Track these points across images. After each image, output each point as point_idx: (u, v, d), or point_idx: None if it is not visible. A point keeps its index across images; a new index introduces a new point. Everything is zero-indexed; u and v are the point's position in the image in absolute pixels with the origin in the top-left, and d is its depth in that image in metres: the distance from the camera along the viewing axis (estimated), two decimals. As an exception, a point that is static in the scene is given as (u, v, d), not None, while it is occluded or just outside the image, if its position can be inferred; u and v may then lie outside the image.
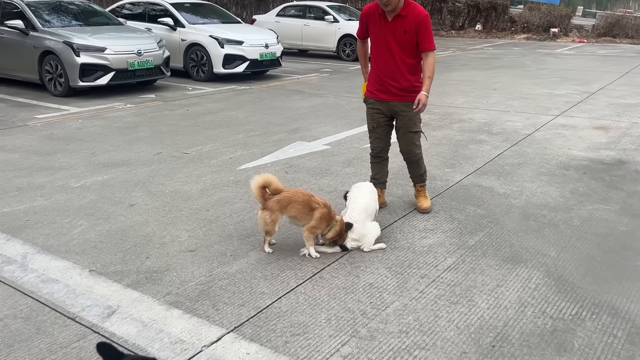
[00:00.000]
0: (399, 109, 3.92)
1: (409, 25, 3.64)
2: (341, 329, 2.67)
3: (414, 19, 3.63)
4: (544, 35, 23.43)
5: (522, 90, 9.88)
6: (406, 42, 3.70)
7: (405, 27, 3.65)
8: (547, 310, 2.86)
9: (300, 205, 3.36)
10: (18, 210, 4.15)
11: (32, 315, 2.76)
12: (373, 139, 4.15)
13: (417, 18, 3.62)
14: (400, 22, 3.66)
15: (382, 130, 4.08)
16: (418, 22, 3.63)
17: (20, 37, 9.05)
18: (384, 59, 3.82)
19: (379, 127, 4.07)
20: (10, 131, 6.65)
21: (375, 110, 4.02)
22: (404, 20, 3.65)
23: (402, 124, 3.99)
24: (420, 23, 3.63)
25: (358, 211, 3.49)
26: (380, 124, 4.06)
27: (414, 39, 3.68)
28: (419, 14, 3.63)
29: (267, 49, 11.09)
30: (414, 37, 3.67)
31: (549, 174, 5.12)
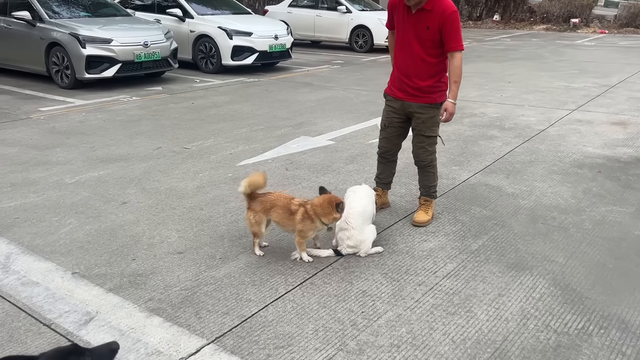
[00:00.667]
0: (413, 110, 3.64)
1: (433, 21, 3.31)
2: (328, 342, 2.51)
3: (439, 14, 3.29)
4: (564, 26, 22.85)
5: (538, 83, 9.57)
6: (428, 39, 3.38)
7: (429, 22, 3.32)
8: (551, 324, 2.67)
9: (280, 209, 3.20)
10: (8, 207, 4.05)
11: (7, 321, 2.65)
12: (382, 138, 3.90)
13: (443, 14, 3.28)
14: (423, 16, 3.33)
15: (394, 131, 3.81)
16: (443, 18, 3.28)
17: (28, 28, 8.99)
18: (404, 54, 3.54)
19: (390, 127, 3.80)
20: (13, 124, 6.59)
21: (390, 108, 3.76)
22: (427, 15, 3.32)
23: (416, 125, 3.71)
24: (445, 20, 3.28)
25: (355, 217, 3.30)
26: (392, 124, 3.78)
27: (438, 36, 3.35)
28: (445, 10, 3.28)
29: (276, 41, 10.90)
30: (437, 35, 3.34)
31: (561, 172, 4.88)
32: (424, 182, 3.88)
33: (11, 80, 9.47)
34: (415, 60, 3.48)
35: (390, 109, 3.77)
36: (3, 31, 9.35)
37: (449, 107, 3.50)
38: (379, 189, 4.00)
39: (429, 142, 3.74)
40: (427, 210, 3.86)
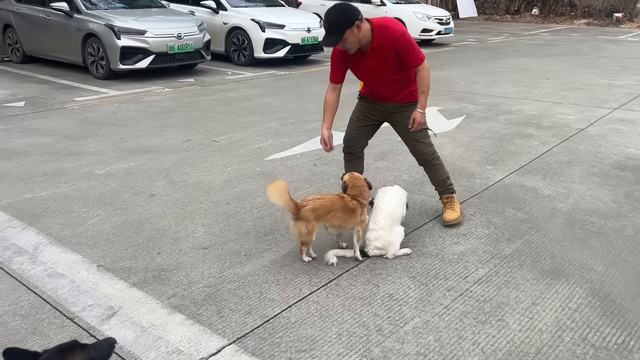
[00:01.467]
0: (396, 110, 3.57)
1: (386, 51, 3.25)
2: (352, 347, 2.43)
3: (389, 43, 3.21)
4: (606, 21, 22.06)
5: (578, 80, 9.23)
6: (391, 66, 3.32)
7: (384, 54, 3.26)
8: (588, 337, 2.52)
9: (341, 212, 3.08)
10: (39, 197, 4.10)
11: (31, 312, 2.65)
12: (350, 130, 3.75)
13: (393, 41, 3.20)
14: (376, 53, 3.26)
15: (365, 124, 3.69)
16: (394, 45, 3.21)
17: (65, 19, 9.14)
18: (373, 83, 3.54)
19: (363, 120, 3.68)
20: (48, 114, 6.70)
21: (370, 105, 3.65)
22: (379, 50, 3.25)
23: (401, 123, 3.57)
24: (397, 46, 3.21)
25: (383, 217, 3.20)
26: (367, 117, 3.67)
27: (397, 59, 3.29)
28: (392, 37, 3.19)
29: (309, 33, 10.82)
30: (396, 58, 3.28)
31: (601, 174, 4.66)
32: (436, 178, 3.74)
33: (49, 70, 9.67)
34: (384, 83, 3.46)
35: (370, 106, 3.66)
36: (42, 22, 9.54)
37: (417, 117, 3.41)
38: None
39: (421, 136, 3.61)
40: (453, 207, 3.72)
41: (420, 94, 3.40)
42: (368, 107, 3.68)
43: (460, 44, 14.88)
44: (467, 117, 6.62)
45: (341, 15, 3.11)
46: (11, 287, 2.88)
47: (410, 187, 4.36)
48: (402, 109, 3.55)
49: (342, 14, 3.11)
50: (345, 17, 3.10)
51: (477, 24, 23.03)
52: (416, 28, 13.88)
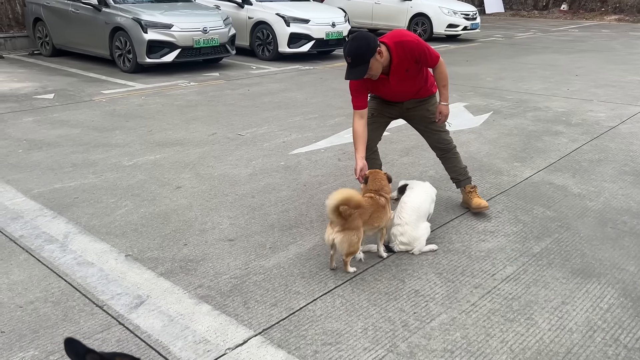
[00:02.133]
0: (413, 105, 3.58)
1: (406, 64, 3.27)
2: (378, 342, 2.42)
3: (407, 56, 3.23)
4: (638, 17, 21.50)
5: (609, 77, 9.02)
6: (411, 74, 3.36)
7: (405, 67, 3.28)
8: (620, 338, 2.47)
9: (378, 212, 2.99)
10: (69, 187, 4.17)
11: (62, 299, 2.70)
12: None
13: (412, 54, 3.22)
14: (397, 69, 3.27)
15: (379, 120, 3.64)
16: (413, 57, 3.24)
17: (94, 13, 9.26)
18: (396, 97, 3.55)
19: (378, 116, 3.62)
20: (76, 106, 6.81)
21: (385, 104, 3.61)
22: (400, 65, 3.26)
23: (421, 117, 3.61)
24: (416, 56, 3.24)
25: (409, 212, 3.17)
26: (382, 114, 3.64)
27: (417, 66, 3.33)
28: (411, 50, 3.21)
29: (333, 28, 10.78)
30: (416, 66, 3.32)
31: (633, 173, 4.55)
32: (457, 166, 3.76)
33: (77, 63, 9.82)
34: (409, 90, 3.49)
35: (386, 104, 3.62)
36: (71, 15, 9.69)
37: (443, 110, 3.51)
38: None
39: (440, 125, 3.64)
40: (478, 195, 3.76)
41: (441, 87, 3.48)
42: (382, 104, 3.64)
43: (487, 40, 14.67)
44: (494, 114, 6.53)
45: (363, 47, 3.08)
46: (42, 274, 2.94)
47: (437, 183, 4.30)
48: (419, 104, 3.59)
49: (363, 44, 3.09)
50: (367, 47, 3.08)
51: (504, 19, 22.67)
52: (442, 23, 13.72)
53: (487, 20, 20.74)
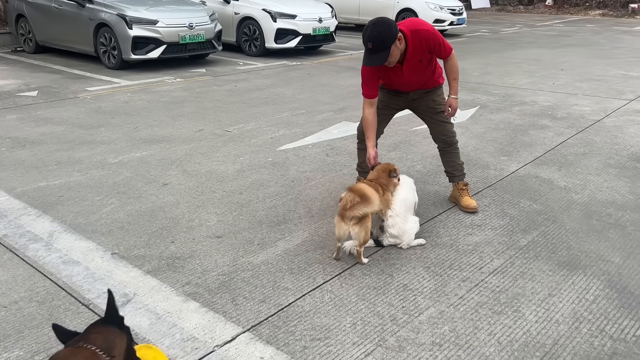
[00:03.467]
0: (418, 97, 3.59)
1: (421, 54, 3.29)
2: (367, 336, 2.42)
3: (421, 47, 3.25)
4: (622, 12, 21.73)
5: (593, 71, 9.10)
6: (424, 64, 3.38)
7: (419, 57, 3.31)
8: (606, 329, 2.49)
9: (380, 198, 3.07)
10: (54, 185, 4.12)
11: (47, 299, 2.67)
12: None
13: (428, 43, 3.25)
14: (411, 58, 3.29)
15: (385, 112, 3.66)
16: (427, 46, 3.27)
17: (77, 9, 9.15)
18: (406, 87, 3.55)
19: (384, 108, 3.63)
20: (61, 103, 6.72)
21: (391, 95, 3.62)
22: (414, 54, 3.27)
23: (427, 107, 3.61)
24: (431, 46, 3.28)
25: (398, 204, 3.19)
26: (388, 106, 3.65)
27: (429, 57, 3.37)
28: (427, 40, 3.24)
29: (320, 24, 10.76)
30: (429, 56, 3.36)
31: (618, 166, 4.60)
32: (456, 161, 3.76)
33: (61, 60, 9.70)
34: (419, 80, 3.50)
35: (393, 95, 3.63)
36: (54, 11, 9.56)
37: (452, 103, 3.52)
38: (362, 178, 3.74)
39: (445, 117, 3.64)
40: (470, 194, 3.77)
41: (452, 80, 3.49)
42: (388, 96, 3.64)
43: (473, 35, 14.73)
44: (481, 108, 6.56)
45: (385, 32, 3.06)
46: (27, 273, 2.90)
47: (424, 177, 4.33)
48: (425, 94, 3.59)
49: (385, 30, 3.06)
50: (389, 33, 3.06)
51: (489, 14, 22.78)
52: (428, 18, 13.72)
53: (473, 16, 20.83)
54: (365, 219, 2.93)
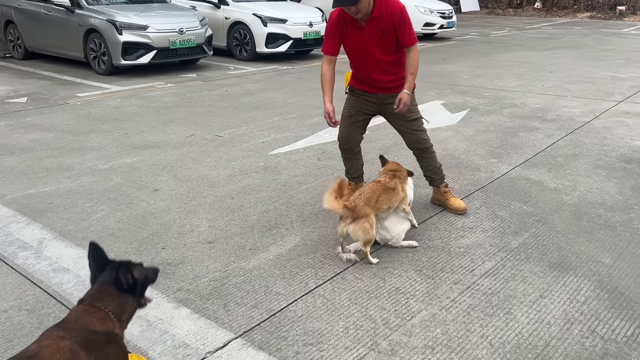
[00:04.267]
0: (389, 101, 3.47)
1: (385, 25, 3.24)
2: (359, 340, 2.42)
3: (389, 17, 3.22)
4: (609, 14, 21.95)
5: (582, 73, 9.18)
6: (387, 43, 3.31)
7: (382, 27, 3.25)
8: (597, 329, 2.51)
9: (386, 194, 3.10)
10: (43, 192, 4.09)
11: (37, 307, 2.65)
12: (344, 128, 3.66)
13: (393, 16, 3.21)
14: (374, 24, 3.25)
15: (359, 118, 3.63)
16: (394, 20, 3.22)
17: (67, 14, 9.11)
18: (363, 64, 3.45)
19: (357, 115, 3.61)
20: (50, 109, 6.68)
21: (362, 99, 3.57)
22: (378, 22, 3.23)
23: (397, 116, 3.51)
24: (396, 21, 3.23)
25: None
26: (361, 111, 3.60)
27: (394, 36, 3.29)
28: (393, 10, 3.20)
29: (311, 28, 10.78)
30: (393, 35, 3.28)
31: (607, 167, 4.63)
32: (433, 166, 3.74)
33: (50, 66, 9.65)
34: (377, 64, 3.40)
35: (362, 100, 3.58)
36: (43, 17, 9.51)
37: (403, 97, 3.33)
38: (352, 183, 3.80)
39: (417, 125, 3.61)
40: (453, 195, 3.80)
41: (409, 75, 3.35)
42: (359, 100, 3.60)
43: (463, 38, 14.82)
44: (471, 111, 6.59)
45: None
46: (16, 282, 2.87)
47: (416, 181, 4.30)
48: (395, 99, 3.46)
49: None
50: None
51: (479, 17, 22.93)
52: (418, 22, 13.80)
53: (463, 19, 20.96)
54: (360, 219, 2.93)
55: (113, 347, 1.72)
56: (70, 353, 1.58)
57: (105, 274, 1.85)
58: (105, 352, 1.68)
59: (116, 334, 1.76)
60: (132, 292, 1.87)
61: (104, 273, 1.85)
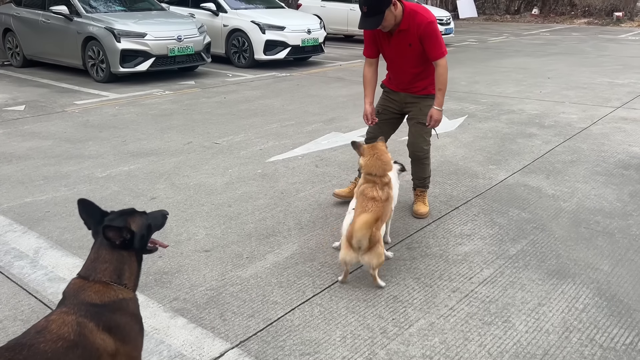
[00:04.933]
0: (410, 100, 3.67)
1: (412, 37, 3.35)
2: (357, 350, 2.40)
3: (416, 29, 3.32)
4: (607, 20, 22.04)
5: (580, 79, 9.20)
6: (413, 56, 3.44)
7: (409, 40, 3.37)
8: (596, 337, 2.49)
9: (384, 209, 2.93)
10: (40, 200, 4.07)
11: (32, 317, 2.62)
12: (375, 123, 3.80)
13: (419, 28, 3.30)
14: (402, 36, 3.38)
15: (386, 117, 3.79)
16: (420, 32, 3.31)
17: (65, 22, 9.12)
18: (394, 70, 3.70)
19: (383, 114, 3.78)
20: (48, 117, 6.68)
21: (388, 98, 3.79)
22: (406, 34, 3.36)
23: (413, 115, 3.70)
24: (422, 33, 3.32)
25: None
26: (386, 111, 3.79)
27: (420, 48, 3.39)
28: (420, 23, 3.29)
29: (309, 35, 10.80)
30: (419, 47, 3.39)
31: (605, 173, 4.63)
32: (419, 174, 3.85)
33: (49, 74, 9.65)
34: (405, 73, 3.59)
35: (387, 98, 3.80)
36: (42, 25, 9.53)
37: (434, 114, 3.51)
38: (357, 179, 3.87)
39: (425, 131, 3.69)
40: (424, 201, 3.87)
41: (437, 91, 3.46)
42: (387, 99, 3.79)
43: (461, 44, 14.86)
44: (469, 117, 6.59)
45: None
46: (11, 291, 2.85)
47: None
48: (417, 100, 3.65)
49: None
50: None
51: (477, 24, 23.01)
52: (416, 29, 13.84)
53: (461, 25, 21.03)
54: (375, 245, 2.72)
55: (120, 314, 1.72)
56: (78, 325, 1.61)
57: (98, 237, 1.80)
58: (114, 320, 1.69)
59: (121, 300, 1.74)
60: (128, 248, 1.81)
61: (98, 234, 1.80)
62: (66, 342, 1.57)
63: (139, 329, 1.82)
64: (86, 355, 1.60)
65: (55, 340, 1.56)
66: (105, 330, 1.65)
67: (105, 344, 1.65)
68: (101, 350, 1.64)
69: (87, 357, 1.60)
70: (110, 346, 1.66)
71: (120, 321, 1.71)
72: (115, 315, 1.70)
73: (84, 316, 1.64)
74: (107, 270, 1.76)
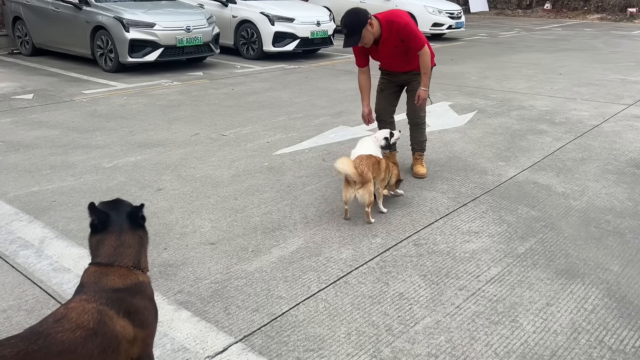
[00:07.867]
0: (409, 77, 4.21)
1: (395, 41, 3.89)
2: (361, 347, 2.38)
3: (395, 35, 3.85)
4: (620, 16, 21.75)
5: (592, 76, 9.08)
6: (400, 51, 3.98)
7: (393, 44, 3.90)
8: (605, 339, 2.45)
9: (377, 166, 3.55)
10: (46, 190, 4.07)
11: (36, 307, 2.62)
12: (378, 100, 4.39)
13: (399, 33, 3.83)
14: (387, 43, 3.91)
15: (389, 91, 4.33)
16: (400, 35, 3.85)
17: (74, 11, 9.11)
18: (389, 65, 4.26)
19: (386, 90, 4.33)
20: (56, 106, 6.68)
21: (387, 77, 4.32)
22: (389, 40, 3.88)
23: (412, 87, 4.22)
24: (402, 36, 3.85)
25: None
26: (388, 87, 4.33)
27: (405, 46, 3.92)
28: (398, 30, 3.82)
29: (318, 27, 10.72)
30: (404, 45, 3.92)
31: (616, 172, 4.56)
32: (418, 138, 4.42)
33: (58, 63, 9.66)
34: (400, 65, 4.17)
35: (386, 78, 4.33)
36: (51, 14, 9.52)
37: (421, 94, 4.08)
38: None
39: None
40: (422, 163, 4.43)
41: (422, 74, 4.03)
42: (387, 77, 4.32)
43: (472, 39, 14.72)
44: (479, 113, 6.52)
45: (355, 19, 3.75)
46: (16, 281, 2.85)
47: (420, 183, 4.29)
48: (415, 76, 4.16)
49: (355, 17, 3.75)
50: (359, 19, 3.74)
51: (488, 18, 22.79)
52: (427, 22, 13.73)
53: (472, 19, 20.83)
54: (367, 184, 3.38)
55: (139, 298, 1.73)
56: (98, 313, 1.61)
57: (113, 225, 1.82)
58: (133, 305, 1.70)
59: (141, 283, 1.77)
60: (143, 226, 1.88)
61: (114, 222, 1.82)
62: (85, 330, 1.55)
63: (155, 314, 1.83)
64: (105, 343, 1.59)
65: (73, 330, 1.54)
66: (125, 317, 1.65)
67: (125, 331, 1.65)
68: (120, 337, 1.63)
69: (107, 345, 1.59)
70: (129, 332, 1.66)
71: (139, 305, 1.72)
72: (135, 299, 1.71)
73: (104, 304, 1.63)
74: (131, 254, 1.78)
